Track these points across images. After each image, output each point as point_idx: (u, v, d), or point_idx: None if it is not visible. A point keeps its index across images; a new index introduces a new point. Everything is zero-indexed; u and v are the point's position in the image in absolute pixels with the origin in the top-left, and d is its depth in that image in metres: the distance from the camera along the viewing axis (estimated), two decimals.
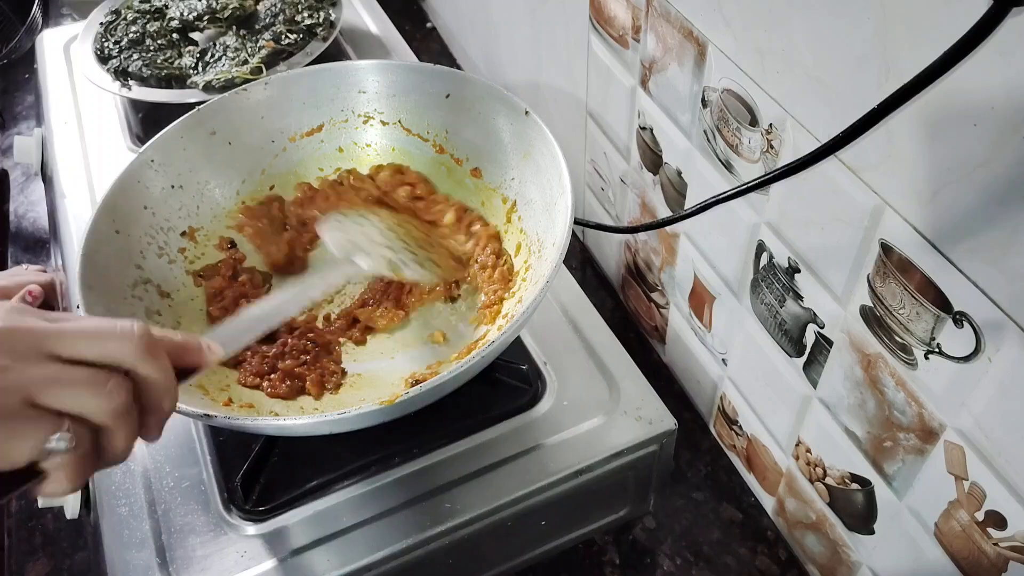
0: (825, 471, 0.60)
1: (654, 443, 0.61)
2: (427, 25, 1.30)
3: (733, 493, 0.74)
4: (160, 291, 0.63)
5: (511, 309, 0.63)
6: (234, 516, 0.58)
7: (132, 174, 0.65)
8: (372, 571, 0.55)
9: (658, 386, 0.64)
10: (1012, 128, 0.35)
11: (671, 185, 0.67)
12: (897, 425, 0.50)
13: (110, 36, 0.94)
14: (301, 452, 0.60)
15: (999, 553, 0.46)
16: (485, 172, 0.70)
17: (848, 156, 0.46)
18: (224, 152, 0.70)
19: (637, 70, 0.66)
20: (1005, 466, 0.43)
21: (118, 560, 0.56)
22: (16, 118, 1.20)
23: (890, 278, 0.46)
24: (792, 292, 0.56)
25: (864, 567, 0.60)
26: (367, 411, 0.48)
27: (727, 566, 0.69)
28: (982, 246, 0.39)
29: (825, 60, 0.45)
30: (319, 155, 0.74)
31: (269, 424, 0.50)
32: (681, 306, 0.74)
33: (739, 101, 0.54)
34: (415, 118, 0.73)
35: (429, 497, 0.58)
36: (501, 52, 1.02)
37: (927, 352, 0.45)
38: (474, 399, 0.62)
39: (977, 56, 0.35)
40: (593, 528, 0.67)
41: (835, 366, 0.54)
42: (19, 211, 1.07)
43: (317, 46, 0.93)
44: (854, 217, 0.47)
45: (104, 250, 0.60)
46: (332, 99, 0.73)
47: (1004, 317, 0.39)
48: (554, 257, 0.56)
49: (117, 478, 0.60)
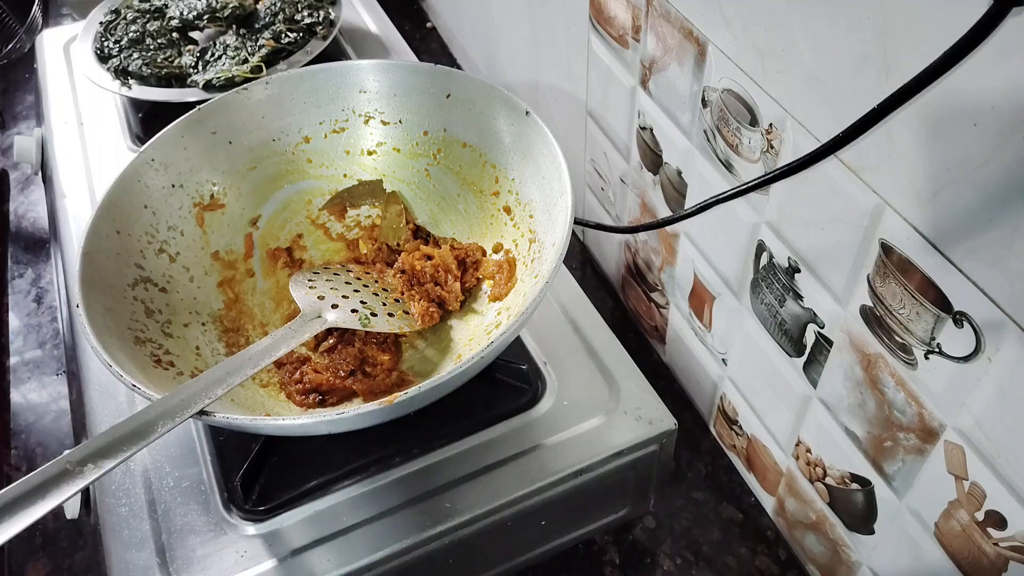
0: (825, 471, 0.60)
1: (654, 443, 0.61)
2: (427, 25, 1.30)
3: (733, 493, 0.74)
4: (160, 290, 0.63)
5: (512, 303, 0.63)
6: (234, 516, 0.58)
7: (132, 174, 0.65)
8: (372, 571, 0.55)
9: (658, 386, 0.64)
10: (1012, 128, 0.35)
11: (671, 185, 0.67)
12: (897, 425, 0.50)
13: (110, 35, 0.94)
14: (301, 452, 0.60)
15: (999, 553, 0.46)
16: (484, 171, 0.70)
17: (848, 156, 0.46)
18: (225, 151, 0.70)
19: (637, 70, 0.66)
20: (1005, 466, 0.43)
21: (118, 560, 0.56)
22: (16, 118, 1.20)
23: (890, 278, 0.46)
24: (792, 292, 0.56)
25: (864, 567, 0.60)
26: (366, 411, 0.48)
27: (727, 566, 0.69)
28: (982, 246, 0.39)
29: (825, 60, 0.45)
30: (320, 156, 0.74)
31: (269, 424, 0.50)
32: (681, 306, 0.74)
33: (739, 101, 0.54)
34: (416, 118, 0.73)
35: (429, 497, 0.58)
36: (501, 52, 1.02)
37: (927, 352, 0.45)
38: (474, 399, 0.62)
39: (977, 56, 0.35)
40: (593, 528, 0.67)
41: (835, 366, 0.54)
42: (19, 211, 1.07)
43: (317, 45, 0.94)
44: (854, 217, 0.47)
45: (104, 249, 0.60)
46: (333, 99, 0.73)
47: (1004, 317, 0.39)
48: (554, 257, 0.56)
49: (117, 478, 0.60)
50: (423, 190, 0.74)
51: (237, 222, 0.71)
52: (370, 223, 0.75)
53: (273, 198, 0.73)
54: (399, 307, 0.66)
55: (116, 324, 0.57)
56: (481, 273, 0.68)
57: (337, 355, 0.65)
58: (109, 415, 0.64)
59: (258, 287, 0.71)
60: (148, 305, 0.61)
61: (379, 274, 0.70)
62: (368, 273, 0.70)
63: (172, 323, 0.62)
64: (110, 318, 0.57)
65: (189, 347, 0.62)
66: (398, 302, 0.66)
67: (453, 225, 0.72)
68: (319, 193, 0.75)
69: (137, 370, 0.53)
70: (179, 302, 0.64)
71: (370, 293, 0.66)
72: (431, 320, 0.66)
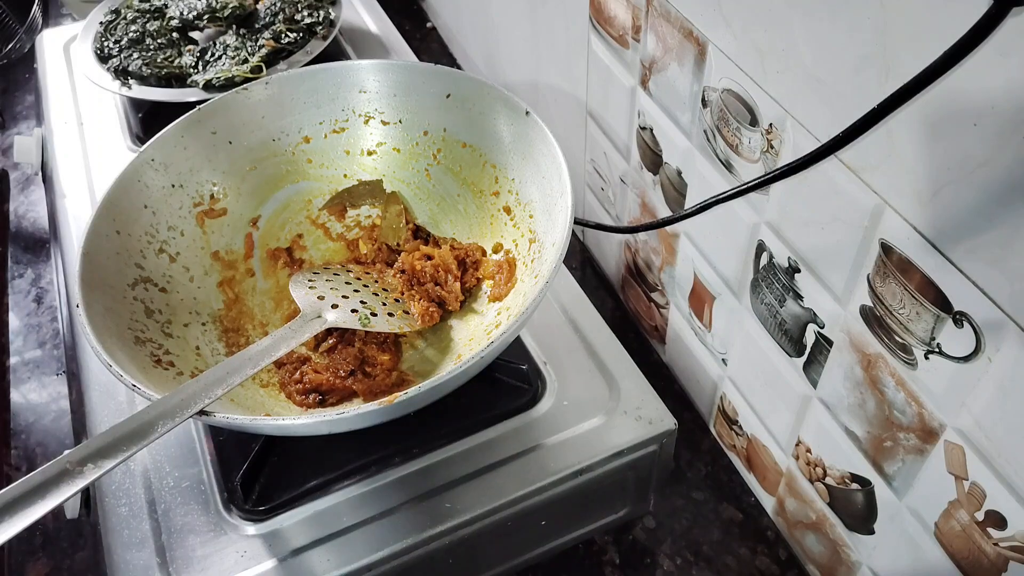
0: (825, 471, 0.60)
1: (654, 443, 0.61)
2: (427, 25, 1.30)
3: (733, 493, 0.74)
4: (160, 290, 0.63)
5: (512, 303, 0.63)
6: (234, 516, 0.58)
7: (132, 174, 0.65)
8: (372, 571, 0.55)
9: (658, 386, 0.64)
10: (1012, 128, 0.35)
11: (671, 185, 0.67)
12: (897, 425, 0.50)
13: (110, 35, 0.94)
14: (301, 452, 0.60)
15: (999, 553, 0.46)
16: (484, 171, 0.70)
17: (848, 156, 0.46)
18: (225, 151, 0.70)
19: (637, 70, 0.66)
20: (1005, 466, 0.43)
21: (118, 560, 0.56)
22: (16, 118, 1.20)
23: (890, 278, 0.46)
24: (792, 292, 0.56)
25: (864, 567, 0.60)
26: (366, 411, 0.48)
27: (727, 566, 0.69)
28: (982, 246, 0.39)
29: (825, 60, 0.45)
30: (320, 156, 0.74)
31: (269, 424, 0.50)
32: (681, 306, 0.74)
33: (739, 101, 0.54)
34: (416, 118, 0.73)
35: (429, 497, 0.58)
36: (501, 52, 1.02)
37: (927, 352, 0.45)
38: (474, 399, 0.62)
39: (977, 56, 0.35)
40: (593, 528, 0.67)
41: (835, 366, 0.54)
42: (19, 211, 1.07)
43: (317, 45, 0.94)
44: (854, 217, 0.47)
45: (104, 249, 0.60)
46: (333, 99, 0.73)
47: (1004, 317, 0.39)
48: (554, 257, 0.56)
49: (117, 478, 0.60)
50: (423, 190, 0.74)
51: (237, 222, 0.71)
52: (370, 223, 0.75)
53: (273, 198, 0.73)
54: (399, 307, 0.66)
55: (116, 324, 0.57)
56: (481, 273, 0.68)
57: (337, 355, 0.65)
58: (109, 415, 0.64)
59: (258, 287, 0.71)
60: (148, 305, 0.61)
61: (379, 274, 0.70)
62: (368, 273, 0.70)
63: (172, 323, 0.62)
64: (110, 318, 0.57)
65: (189, 347, 0.62)
66: (398, 302, 0.66)
67: (453, 225, 0.72)
68: (319, 193, 0.75)
69: (137, 370, 0.53)
70: (179, 302, 0.64)
71: (370, 293, 0.66)
72: (431, 320, 0.66)
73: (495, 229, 0.69)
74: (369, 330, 0.63)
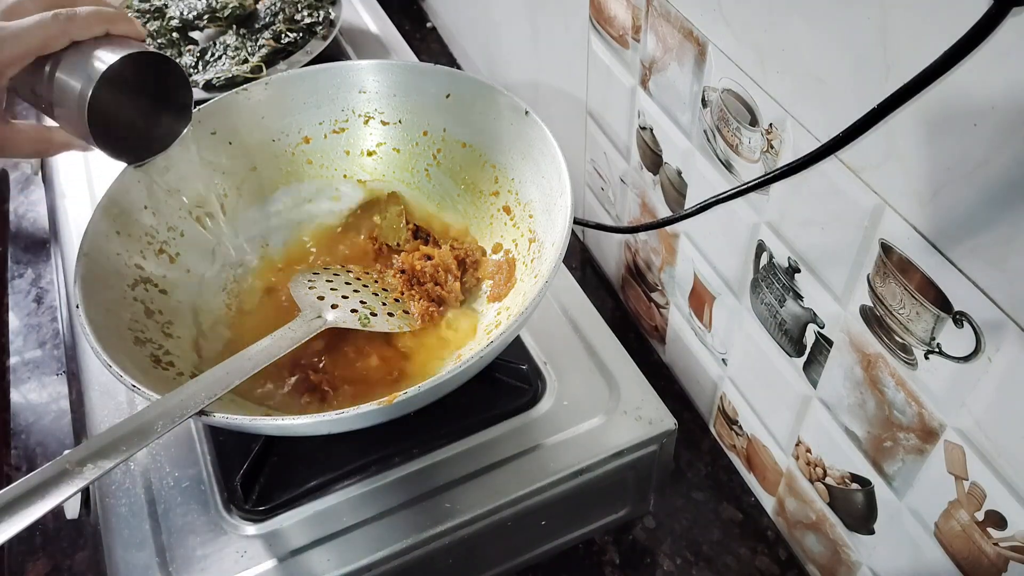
0: (825, 471, 0.60)
1: (654, 443, 0.61)
2: (427, 25, 1.30)
3: (733, 493, 0.74)
4: (160, 291, 0.63)
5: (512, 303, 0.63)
6: (234, 516, 0.58)
7: (132, 174, 0.65)
8: (372, 571, 0.55)
9: (658, 386, 0.64)
10: (1012, 128, 0.35)
11: (671, 185, 0.67)
12: (897, 425, 0.50)
13: None
14: (301, 452, 0.60)
15: (999, 553, 0.46)
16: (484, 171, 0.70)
17: (848, 156, 0.46)
18: (225, 152, 0.70)
19: (637, 70, 0.66)
20: (1005, 466, 0.43)
21: (118, 560, 0.56)
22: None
23: (890, 278, 0.46)
24: (792, 292, 0.56)
25: (864, 567, 0.60)
26: (366, 411, 0.48)
27: (727, 566, 0.69)
28: (982, 246, 0.39)
29: (825, 60, 0.45)
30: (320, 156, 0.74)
31: (268, 424, 0.50)
32: (681, 306, 0.74)
33: (739, 101, 0.54)
34: (416, 118, 0.73)
35: (429, 497, 0.58)
36: (501, 52, 1.02)
37: (927, 352, 0.45)
38: (474, 399, 0.62)
39: (977, 56, 0.35)
40: (593, 528, 0.67)
41: (835, 366, 0.54)
42: (19, 211, 1.07)
43: (317, 45, 0.94)
44: (854, 217, 0.47)
45: (104, 249, 0.60)
46: (333, 99, 0.73)
47: (1004, 317, 0.39)
48: (554, 257, 0.56)
49: (117, 478, 0.60)
50: (423, 190, 0.74)
51: (237, 222, 0.71)
52: (370, 223, 0.75)
53: (273, 198, 0.73)
54: (399, 307, 0.66)
55: (116, 324, 0.57)
56: (481, 273, 0.68)
57: (337, 355, 0.65)
58: (109, 415, 0.64)
59: (258, 287, 0.71)
60: (148, 305, 0.61)
61: (379, 274, 0.70)
62: (368, 273, 0.70)
63: (172, 324, 0.62)
64: (110, 318, 0.57)
65: (189, 347, 0.62)
66: (398, 302, 0.66)
67: (453, 225, 0.72)
68: (319, 194, 0.74)
69: (137, 370, 0.53)
70: (179, 303, 0.64)
71: (370, 293, 0.66)
72: (431, 320, 0.66)
73: (495, 229, 0.69)
74: (369, 330, 0.63)
